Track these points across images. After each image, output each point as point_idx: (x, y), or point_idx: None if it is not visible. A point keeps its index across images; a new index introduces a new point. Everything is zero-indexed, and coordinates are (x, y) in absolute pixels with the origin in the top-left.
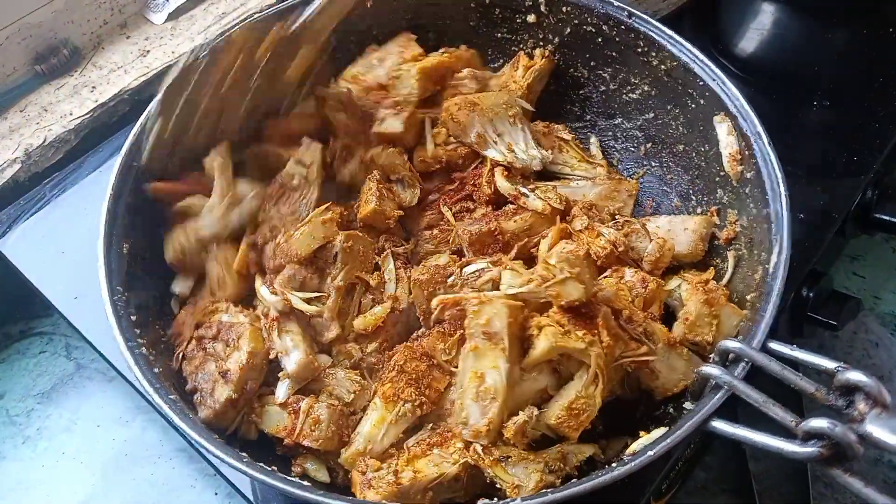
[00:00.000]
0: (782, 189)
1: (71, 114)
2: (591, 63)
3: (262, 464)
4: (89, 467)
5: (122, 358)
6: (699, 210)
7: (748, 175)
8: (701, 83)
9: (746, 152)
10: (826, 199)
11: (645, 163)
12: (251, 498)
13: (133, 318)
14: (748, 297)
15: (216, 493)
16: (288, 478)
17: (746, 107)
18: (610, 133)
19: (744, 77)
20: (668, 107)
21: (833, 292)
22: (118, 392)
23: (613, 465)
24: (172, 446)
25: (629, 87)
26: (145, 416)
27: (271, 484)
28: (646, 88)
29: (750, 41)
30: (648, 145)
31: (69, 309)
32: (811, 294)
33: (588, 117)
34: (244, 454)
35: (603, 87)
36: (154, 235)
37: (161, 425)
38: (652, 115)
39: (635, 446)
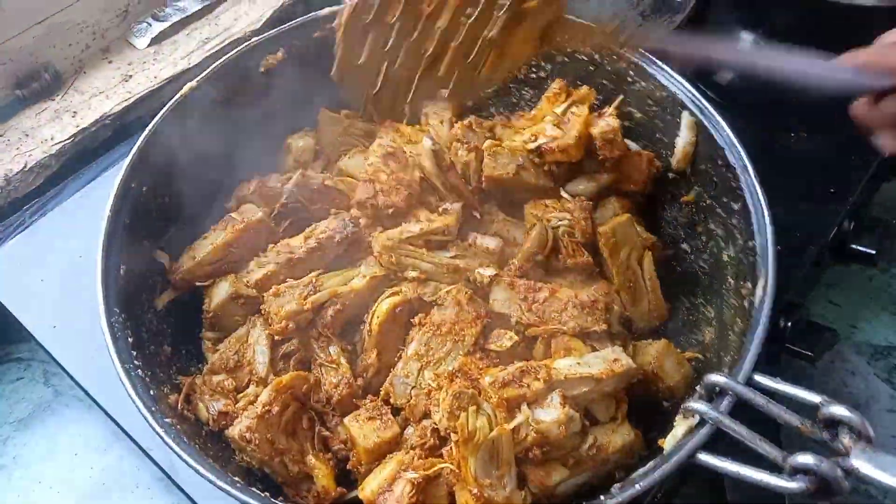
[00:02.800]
0: (767, 222)
1: (52, 139)
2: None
3: (254, 489)
4: (66, 497)
5: (99, 386)
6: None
7: (735, 206)
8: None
9: (734, 184)
10: (803, 230)
11: None
12: None
13: (130, 339)
14: (735, 328)
15: None
16: None
17: (733, 138)
18: None
19: (722, 104)
20: (657, 135)
21: (809, 323)
22: (96, 419)
23: (601, 497)
24: (150, 475)
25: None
26: (123, 444)
27: None
28: (637, 116)
29: (728, 70)
30: None
31: (47, 337)
32: (788, 325)
33: None
34: (237, 479)
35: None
36: (151, 259)
37: (138, 454)
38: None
39: (671, 439)
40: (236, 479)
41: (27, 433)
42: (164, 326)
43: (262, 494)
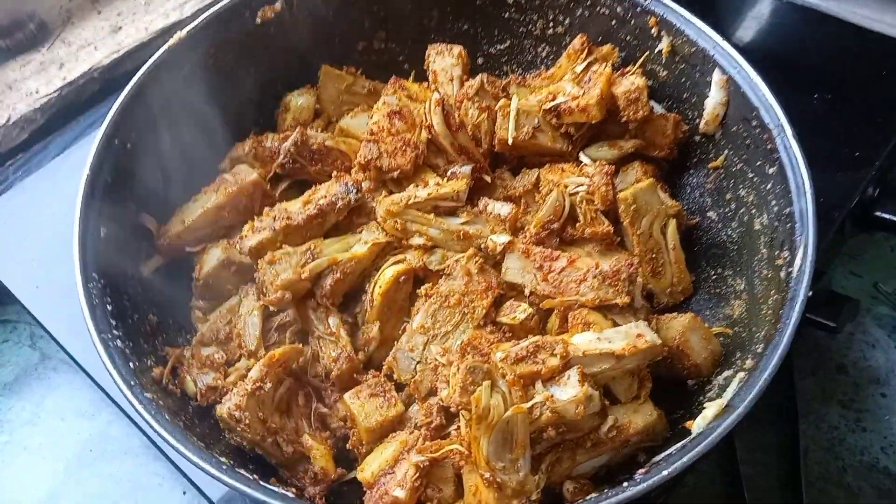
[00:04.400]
0: (808, 187)
1: (37, 92)
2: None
3: (242, 471)
4: (52, 463)
5: (85, 351)
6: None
7: (769, 170)
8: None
9: (769, 145)
10: (826, 197)
11: None
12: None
13: (109, 307)
14: (768, 301)
15: (184, 493)
16: (270, 487)
17: (769, 97)
18: None
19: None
20: (684, 95)
21: (831, 293)
22: (84, 384)
23: (626, 484)
24: (139, 442)
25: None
26: (111, 410)
27: (249, 493)
28: (663, 75)
29: (747, 30)
30: None
31: (30, 298)
32: (810, 294)
33: None
34: (223, 460)
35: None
36: (136, 223)
37: (127, 421)
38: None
39: (700, 421)
40: (223, 459)
41: (13, 398)
42: (149, 295)
43: (251, 477)
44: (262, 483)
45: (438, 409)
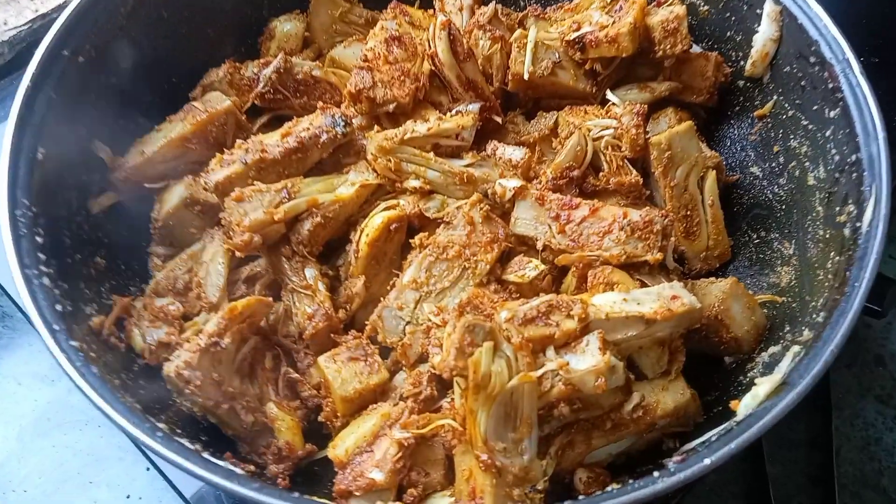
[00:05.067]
0: (879, 128)
1: (6, 24)
2: None
3: (183, 441)
4: (5, 430)
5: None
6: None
7: (830, 114)
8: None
9: (831, 85)
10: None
11: None
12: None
13: (40, 240)
14: (827, 265)
15: (147, 469)
16: (212, 460)
17: (832, 28)
18: None
19: None
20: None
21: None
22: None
23: (659, 474)
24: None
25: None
26: None
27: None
28: (703, 9)
29: None
30: None
31: None
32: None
33: None
34: (161, 426)
35: None
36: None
37: None
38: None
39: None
40: (161, 426)
41: None
42: (98, 235)
43: (191, 447)
44: (204, 456)
45: (430, 377)
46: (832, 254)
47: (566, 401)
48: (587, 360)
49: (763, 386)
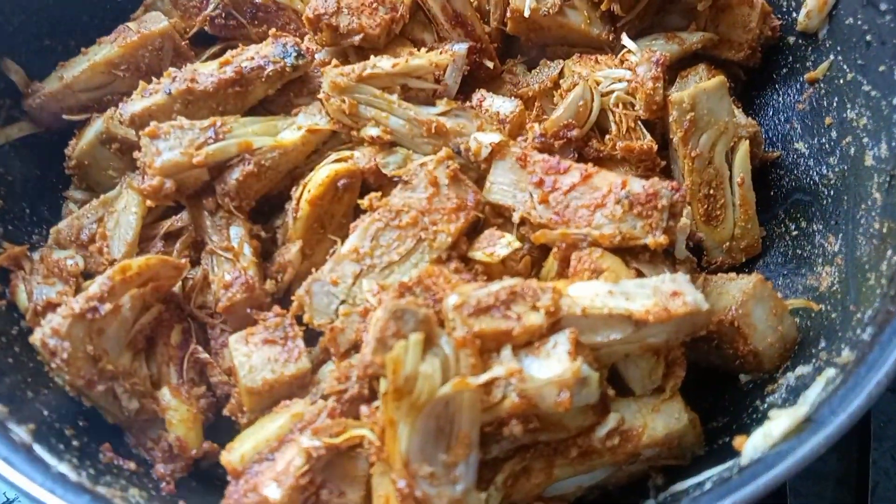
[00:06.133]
0: None
1: None
2: None
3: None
4: None
5: None
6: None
7: None
8: None
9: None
10: None
11: None
12: None
13: None
14: (882, 267)
15: None
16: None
17: None
18: None
19: None
20: None
21: None
22: None
23: None
24: None
25: None
26: None
27: None
28: None
29: None
30: None
31: None
32: None
33: None
34: None
35: None
36: None
37: None
38: None
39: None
40: None
41: None
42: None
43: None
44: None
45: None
46: (889, 253)
47: (520, 417)
48: (551, 366)
49: (780, 421)
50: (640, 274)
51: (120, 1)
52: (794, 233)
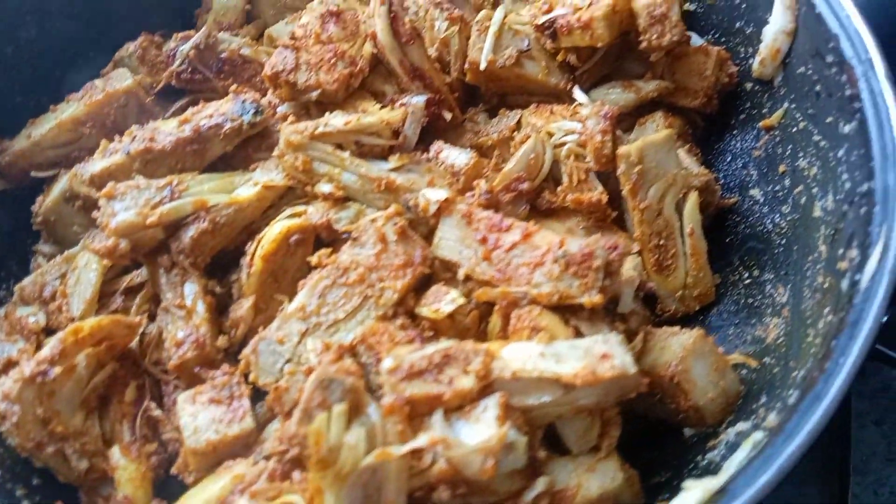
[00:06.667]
0: None
1: None
2: None
3: None
4: None
5: None
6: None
7: (845, 129)
8: None
9: (848, 91)
10: None
11: None
12: None
13: None
14: (819, 324)
15: None
16: None
17: (855, 21)
18: None
19: None
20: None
21: None
22: None
23: None
24: None
25: None
26: None
27: None
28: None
29: None
30: None
31: None
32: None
33: None
34: None
35: None
36: None
37: None
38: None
39: None
40: None
41: None
42: None
43: None
44: None
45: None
46: (826, 310)
47: (448, 483)
48: (479, 431)
49: (692, 493)
50: (578, 332)
51: (91, 56)
52: (747, 281)
